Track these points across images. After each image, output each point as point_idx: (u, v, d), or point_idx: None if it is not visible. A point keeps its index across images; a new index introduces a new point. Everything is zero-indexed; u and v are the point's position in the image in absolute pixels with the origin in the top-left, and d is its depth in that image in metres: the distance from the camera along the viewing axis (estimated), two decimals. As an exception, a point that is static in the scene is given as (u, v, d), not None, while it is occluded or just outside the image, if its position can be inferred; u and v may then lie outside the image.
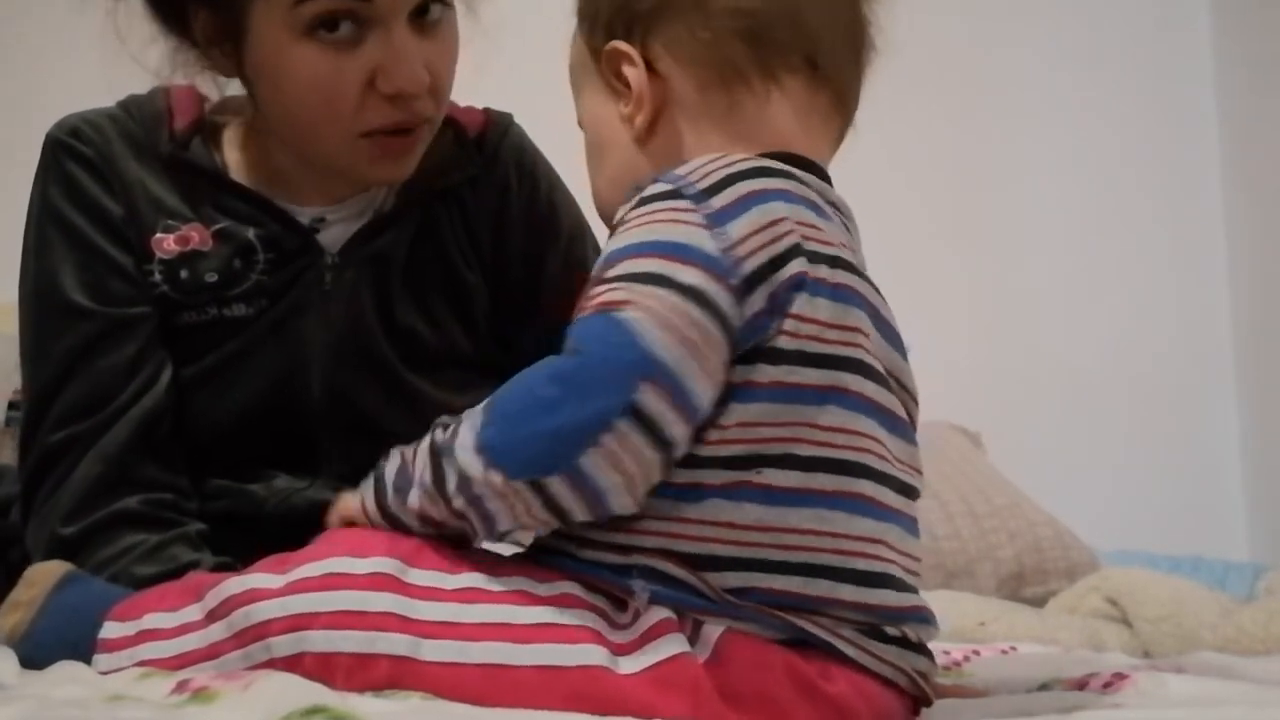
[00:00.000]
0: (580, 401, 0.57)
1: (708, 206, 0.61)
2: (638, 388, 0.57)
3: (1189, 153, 2.37)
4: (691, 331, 0.58)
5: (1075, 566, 1.61)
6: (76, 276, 0.90)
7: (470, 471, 0.60)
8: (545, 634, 0.58)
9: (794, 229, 0.61)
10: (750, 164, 0.64)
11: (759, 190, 0.62)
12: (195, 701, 0.53)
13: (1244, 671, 0.78)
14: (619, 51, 0.71)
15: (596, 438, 0.57)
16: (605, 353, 0.58)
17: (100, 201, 0.91)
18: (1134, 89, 2.36)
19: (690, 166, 0.64)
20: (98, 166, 0.92)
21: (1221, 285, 2.35)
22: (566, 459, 0.57)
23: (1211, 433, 2.31)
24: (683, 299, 0.58)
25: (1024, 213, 2.31)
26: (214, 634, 0.64)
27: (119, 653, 0.67)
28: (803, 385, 0.61)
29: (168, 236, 0.90)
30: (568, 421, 0.57)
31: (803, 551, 0.60)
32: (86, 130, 0.94)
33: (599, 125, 0.74)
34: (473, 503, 0.60)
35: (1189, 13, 2.40)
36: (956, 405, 2.01)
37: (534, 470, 0.58)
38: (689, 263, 0.59)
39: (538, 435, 0.58)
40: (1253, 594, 1.54)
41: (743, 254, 0.60)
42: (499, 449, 0.59)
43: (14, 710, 0.51)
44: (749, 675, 0.58)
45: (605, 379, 0.57)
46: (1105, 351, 2.26)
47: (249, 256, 0.90)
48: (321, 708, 0.50)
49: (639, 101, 0.71)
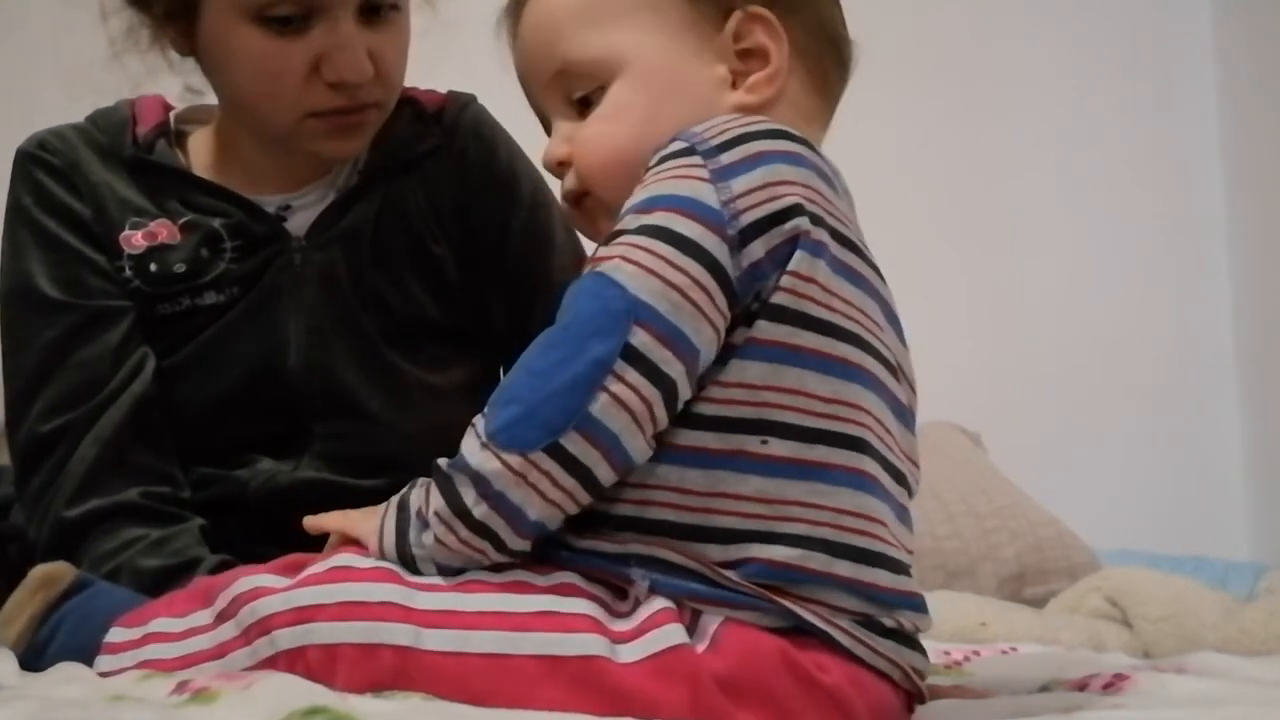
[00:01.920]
0: (576, 354, 0.59)
1: (716, 162, 0.62)
2: (630, 330, 0.59)
3: (1190, 152, 2.37)
4: (679, 277, 0.60)
5: (1076, 566, 1.61)
6: (50, 274, 0.93)
7: (485, 468, 0.60)
8: (545, 623, 0.59)
9: (797, 190, 0.62)
10: (766, 126, 0.65)
11: (769, 150, 0.64)
12: (195, 702, 0.53)
13: (1245, 671, 0.78)
14: (765, 20, 0.71)
15: (599, 383, 0.58)
16: (595, 305, 0.60)
17: (69, 204, 0.94)
18: (1135, 89, 2.36)
19: (708, 124, 0.65)
20: (64, 173, 0.95)
21: (1223, 285, 2.35)
22: (575, 411, 0.58)
23: (1212, 432, 2.31)
24: (674, 248, 0.60)
25: (1025, 212, 2.31)
26: (223, 634, 0.64)
27: (121, 654, 0.67)
28: (804, 349, 0.61)
29: (135, 233, 0.93)
30: (569, 376, 0.59)
31: (801, 524, 0.60)
32: (53, 141, 0.97)
33: (676, 73, 0.71)
34: (495, 503, 0.60)
35: (1190, 10, 2.40)
36: (957, 405, 2.01)
37: (548, 433, 0.59)
38: (688, 214, 0.61)
39: (544, 400, 0.59)
40: (1253, 593, 1.53)
41: (742, 207, 0.61)
42: (509, 429, 0.60)
43: (14, 710, 0.51)
44: (747, 666, 0.58)
45: (597, 328, 0.59)
46: (1106, 351, 2.26)
47: (216, 245, 0.92)
48: (321, 708, 0.50)
49: (774, 76, 0.70)
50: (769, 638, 0.59)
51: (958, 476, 1.74)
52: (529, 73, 0.76)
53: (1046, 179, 2.31)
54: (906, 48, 2.17)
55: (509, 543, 0.61)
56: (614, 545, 0.61)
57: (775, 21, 0.71)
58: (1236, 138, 2.35)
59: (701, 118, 0.67)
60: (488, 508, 0.60)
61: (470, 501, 0.60)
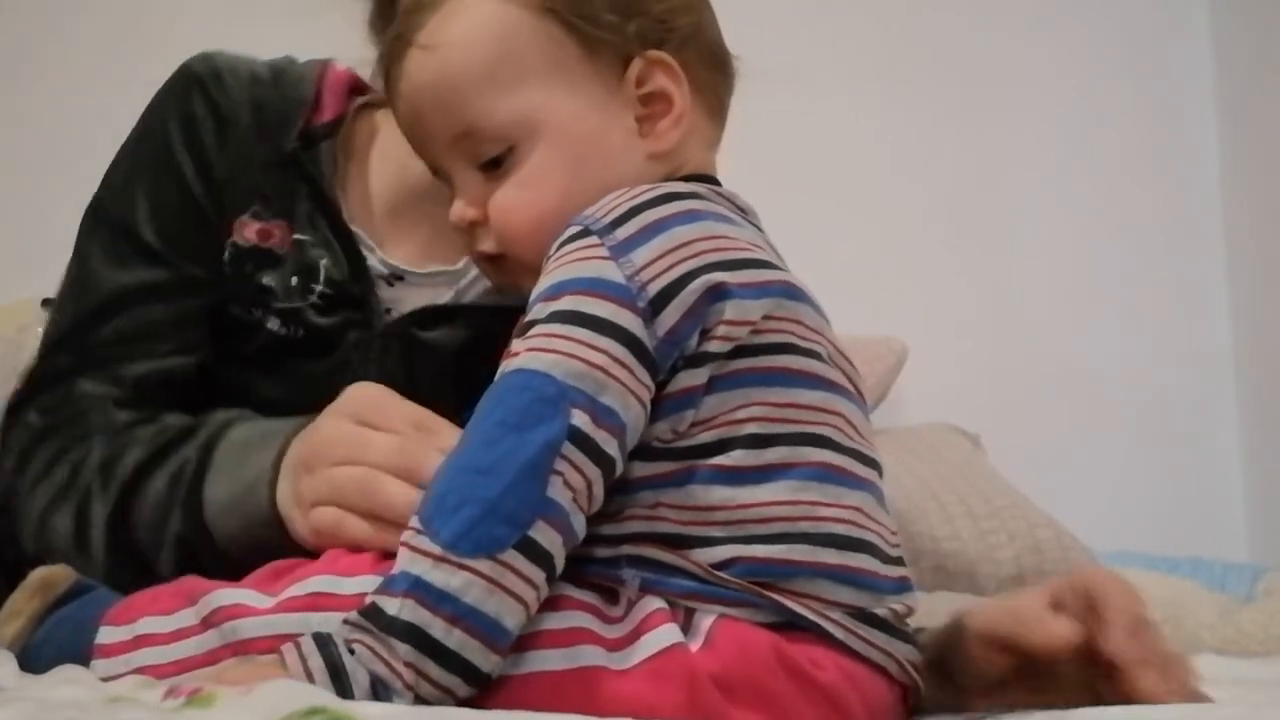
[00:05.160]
0: (522, 444, 0.57)
1: (613, 238, 0.63)
2: (570, 413, 0.58)
3: (1189, 153, 2.37)
4: (598, 357, 0.59)
5: (1075, 568, 1.60)
6: (157, 216, 0.88)
7: (452, 585, 0.55)
8: (538, 641, 0.58)
9: (703, 248, 0.63)
10: (654, 193, 0.66)
11: (662, 218, 0.64)
12: (194, 705, 0.53)
13: (1244, 673, 0.78)
14: (663, 64, 0.72)
15: (550, 466, 0.57)
16: (527, 396, 0.59)
17: (211, 157, 0.88)
18: (1134, 91, 2.36)
19: (597, 205, 0.65)
20: (224, 120, 0.89)
21: (1221, 286, 2.35)
22: (536, 498, 0.57)
23: (1211, 434, 2.31)
24: (589, 330, 0.60)
25: (1023, 214, 2.31)
26: (209, 641, 0.64)
27: (116, 658, 0.66)
28: (741, 371, 0.62)
29: (254, 223, 0.87)
30: (522, 464, 0.57)
31: (780, 522, 0.61)
32: (229, 80, 0.90)
33: (590, 130, 0.72)
34: (471, 623, 0.55)
35: (1189, 12, 2.40)
36: (956, 406, 2.01)
37: (516, 527, 0.56)
38: (596, 294, 0.61)
39: (502, 494, 0.57)
40: (1251, 595, 1.53)
41: (648, 278, 0.61)
42: (471, 533, 0.56)
43: (13, 712, 0.51)
44: (742, 664, 0.58)
45: (538, 415, 0.58)
46: (1105, 353, 2.26)
47: (307, 282, 0.86)
48: (321, 709, 0.50)
49: (679, 118, 0.72)
50: (763, 634, 0.59)
51: (956, 478, 1.74)
52: (424, 131, 0.75)
53: (1046, 180, 2.31)
54: (905, 49, 2.17)
55: (483, 667, 0.56)
56: (604, 549, 0.61)
57: (673, 63, 0.71)
58: (1235, 138, 2.35)
59: (620, 171, 0.69)
60: (462, 631, 0.55)
61: (439, 632, 0.55)
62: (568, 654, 0.58)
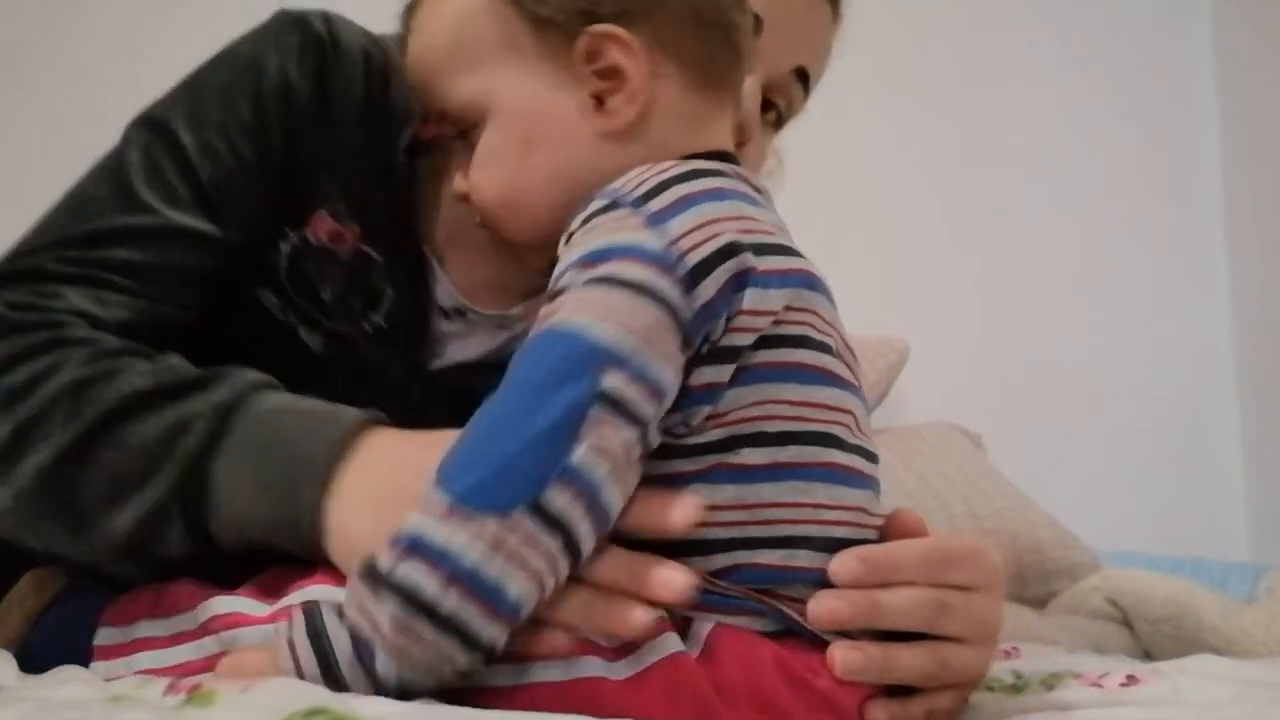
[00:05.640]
0: (544, 405, 0.54)
1: (646, 209, 0.60)
2: (599, 373, 0.55)
3: (1191, 154, 2.37)
4: (636, 320, 0.56)
5: (1076, 567, 1.61)
6: (210, 165, 0.78)
7: (453, 543, 0.52)
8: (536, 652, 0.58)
9: (728, 227, 0.61)
10: (681, 169, 0.64)
11: (691, 193, 0.62)
12: (194, 704, 0.53)
13: (1246, 674, 0.78)
14: (614, 37, 0.68)
15: (577, 430, 0.54)
16: (554, 355, 0.56)
17: (304, 131, 0.80)
18: (1136, 92, 2.36)
19: (623, 179, 0.63)
20: (327, 98, 0.80)
21: (1222, 286, 2.35)
22: (554, 462, 0.53)
23: (1212, 433, 2.31)
24: (627, 293, 0.57)
25: (1025, 214, 2.31)
26: (208, 647, 0.63)
27: (114, 661, 0.66)
28: (761, 365, 0.61)
29: (329, 221, 0.80)
30: (543, 425, 0.54)
31: (784, 525, 0.60)
32: (345, 58, 0.82)
33: (539, 111, 0.69)
34: (468, 585, 0.52)
35: (1191, 9, 2.40)
36: (958, 406, 2.01)
37: (527, 488, 0.53)
38: (635, 259, 0.58)
39: (517, 453, 0.54)
40: (1253, 595, 1.54)
41: (686, 247, 0.59)
42: (480, 491, 0.53)
43: (13, 712, 0.51)
44: (742, 673, 0.57)
45: (562, 375, 0.55)
46: (1106, 352, 2.26)
47: (367, 309, 0.80)
48: (322, 709, 0.50)
49: (634, 94, 0.68)
50: (762, 642, 0.58)
51: (958, 478, 1.74)
52: (420, 104, 0.78)
53: (1048, 180, 2.31)
54: (906, 48, 2.17)
55: (482, 634, 0.53)
56: None
57: (626, 35, 0.68)
58: (1236, 137, 2.35)
59: (570, 150, 0.68)
60: (459, 594, 0.52)
61: (434, 591, 0.52)
62: (568, 665, 0.57)
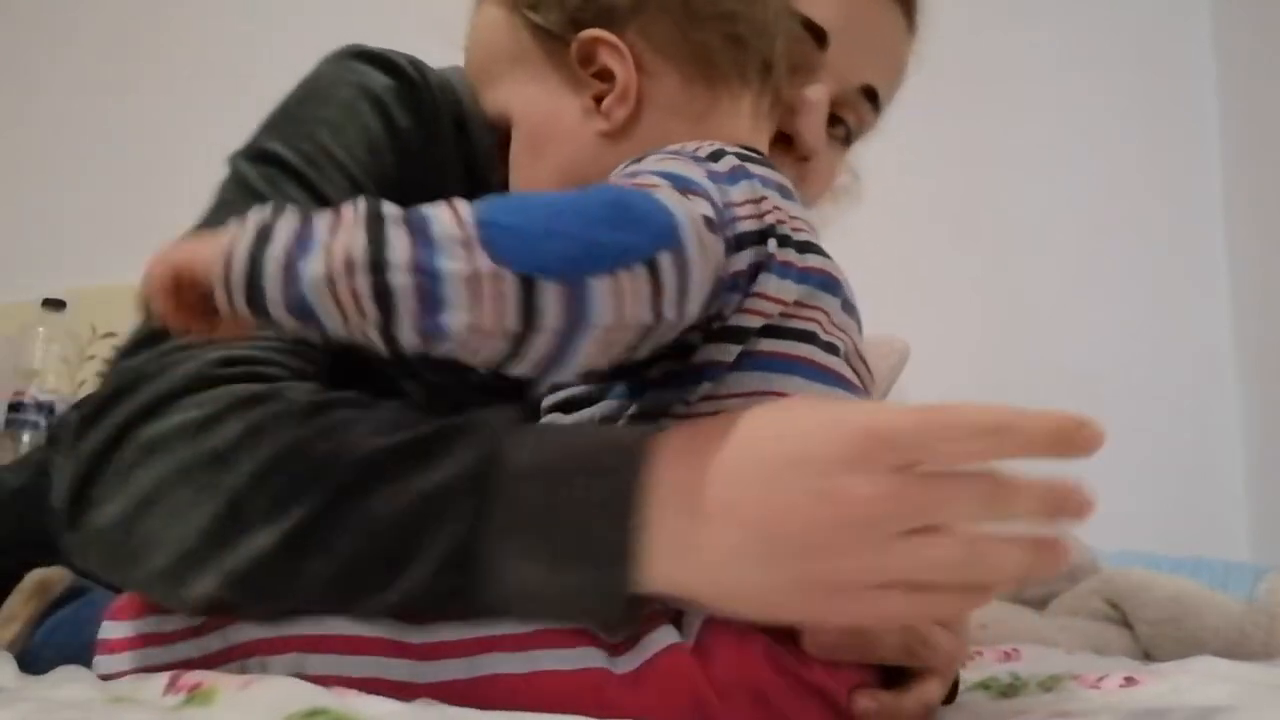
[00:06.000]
0: (608, 223, 0.52)
1: (710, 167, 0.61)
2: (663, 247, 0.52)
3: (1191, 154, 2.37)
4: (703, 241, 0.55)
5: (1076, 568, 1.61)
6: (337, 198, 0.73)
7: (444, 239, 0.50)
8: (541, 640, 0.58)
9: (772, 210, 0.62)
10: (732, 148, 0.65)
11: (745, 168, 0.63)
12: (194, 703, 0.53)
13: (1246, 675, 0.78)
14: (601, 41, 0.70)
15: (613, 266, 0.50)
16: (647, 206, 0.53)
17: (411, 167, 0.78)
18: (1136, 92, 2.36)
19: (681, 144, 0.65)
20: (429, 136, 0.80)
21: (1222, 286, 2.35)
22: (578, 269, 0.50)
23: (1213, 433, 2.31)
24: (696, 215, 0.55)
25: (1026, 214, 2.31)
26: (211, 643, 0.63)
27: (119, 655, 0.66)
28: (765, 353, 0.61)
29: None
30: (591, 238, 0.51)
31: None
32: (438, 91, 0.80)
33: (547, 115, 0.72)
34: (422, 281, 0.49)
35: (1191, 10, 2.40)
36: (957, 406, 2.01)
37: (535, 263, 0.50)
38: (702, 195, 0.58)
39: (552, 234, 0.50)
40: (1253, 595, 1.53)
41: (739, 215, 0.60)
42: (502, 233, 0.50)
43: (13, 713, 0.51)
44: (735, 665, 0.58)
45: (639, 222, 0.52)
46: (1106, 352, 2.26)
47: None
48: (322, 709, 0.50)
49: (624, 94, 0.70)
50: (752, 634, 0.58)
51: (958, 478, 1.73)
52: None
53: (1048, 180, 2.31)
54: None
55: (401, 329, 0.50)
56: None
57: (612, 38, 0.70)
58: (1236, 137, 2.35)
59: (574, 152, 0.69)
60: (409, 277, 0.49)
61: (397, 260, 0.49)
62: (572, 655, 0.57)
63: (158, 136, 2.23)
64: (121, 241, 2.23)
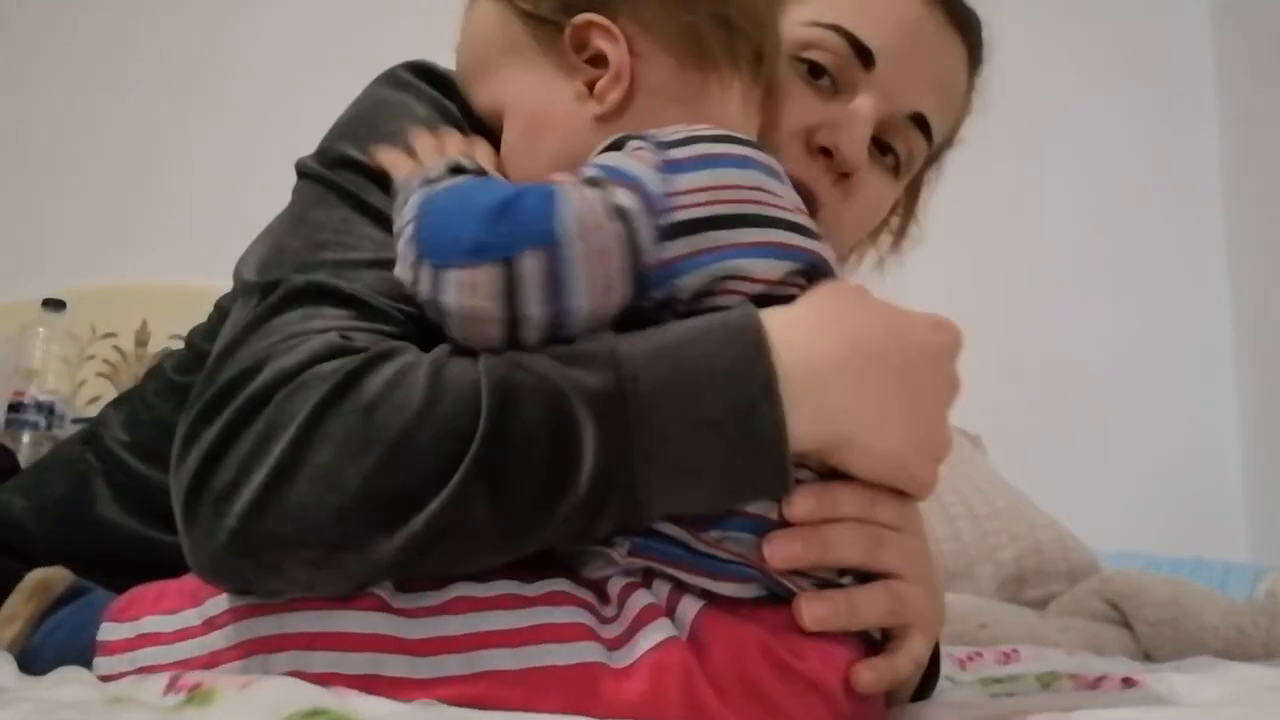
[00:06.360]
0: (484, 228, 0.57)
1: (666, 155, 0.63)
2: (531, 246, 0.57)
3: (1190, 153, 2.38)
4: (598, 237, 0.58)
5: (1076, 568, 1.61)
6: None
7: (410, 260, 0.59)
8: (539, 634, 0.58)
9: (747, 196, 0.63)
10: (715, 130, 0.66)
11: (717, 154, 0.64)
12: (193, 704, 0.53)
13: (1245, 675, 0.78)
14: (595, 25, 0.71)
15: (463, 262, 0.57)
16: (529, 207, 0.58)
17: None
18: (1135, 90, 2.36)
19: (659, 129, 0.66)
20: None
21: (1222, 285, 2.35)
22: (444, 260, 0.58)
23: (1212, 434, 2.31)
24: (609, 209, 0.59)
25: (1025, 214, 2.31)
26: (213, 643, 0.63)
27: (119, 656, 0.66)
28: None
29: None
30: (458, 237, 0.58)
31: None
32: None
33: (541, 102, 0.73)
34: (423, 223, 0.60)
35: (1190, 11, 2.40)
36: (957, 408, 2.01)
37: (431, 254, 0.58)
38: (629, 187, 0.60)
39: (454, 229, 0.58)
40: (1253, 595, 1.53)
41: (683, 202, 0.61)
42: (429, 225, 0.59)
43: (13, 713, 0.51)
44: (731, 661, 0.58)
45: (512, 223, 0.58)
46: (1105, 353, 2.26)
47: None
48: (322, 710, 0.50)
49: (617, 75, 0.71)
50: (746, 628, 0.59)
51: (957, 479, 1.74)
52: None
53: (1047, 180, 2.31)
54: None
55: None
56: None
57: (605, 21, 0.71)
58: (1236, 139, 2.35)
59: (569, 137, 0.70)
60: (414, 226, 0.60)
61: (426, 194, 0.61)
62: (570, 649, 0.58)
63: (158, 136, 2.23)
64: (121, 241, 2.23)
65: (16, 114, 2.25)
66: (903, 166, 0.88)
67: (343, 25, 2.13)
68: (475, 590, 0.60)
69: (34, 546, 0.79)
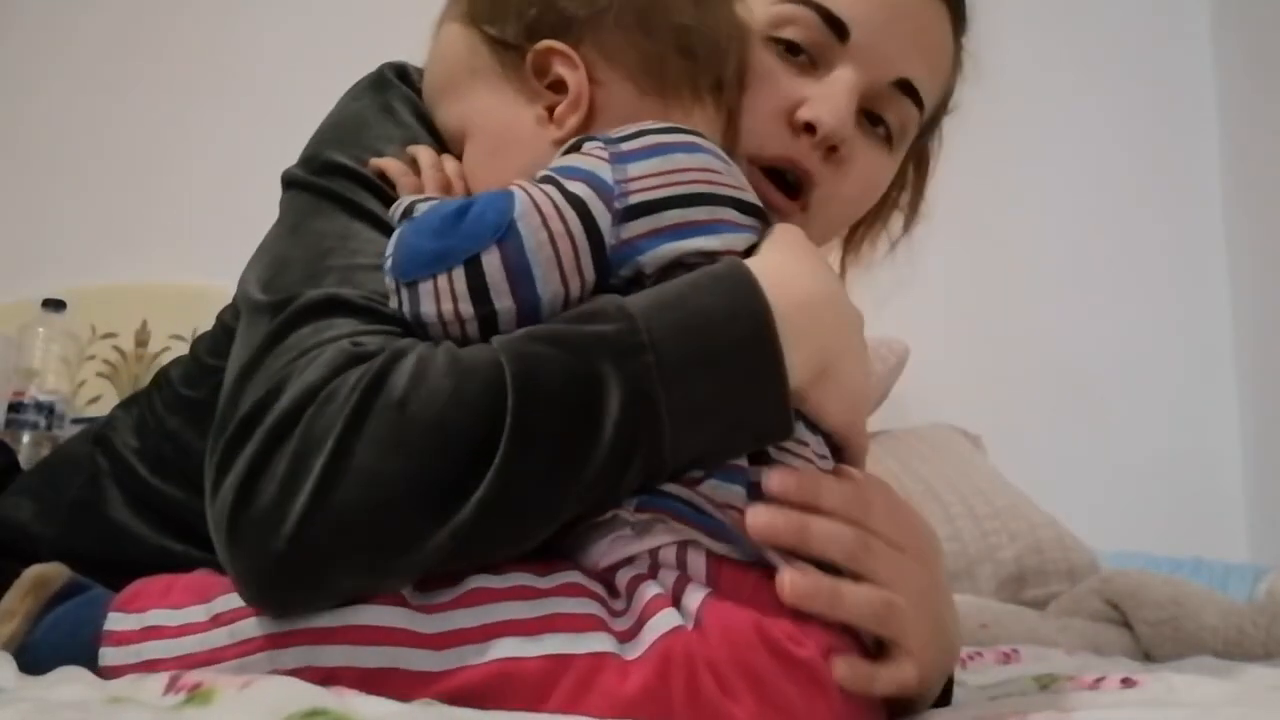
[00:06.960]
0: (439, 238, 0.62)
1: (616, 148, 0.66)
2: (486, 245, 0.62)
3: (1189, 153, 2.38)
4: (556, 223, 0.63)
5: (1076, 568, 1.61)
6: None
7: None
8: (553, 624, 0.59)
9: (696, 177, 0.66)
10: (663, 124, 0.70)
11: (665, 143, 0.67)
12: (193, 703, 0.53)
13: (1245, 675, 0.78)
14: (556, 52, 0.74)
15: (433, 270, 0.62)
16: (481, 211, 0.63)
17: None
18: (1135, 90, 2.36)
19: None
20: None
21: (1222, 285, 2.35)
22: (405, 275, 0.63)
23: (1212, 433, 2.31)
24: (562, 198, 0.63)
25: (1025, 215, 2.31)
26: (217, 639, 0.63)
27: (125, 647, 0.66)
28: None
29: None
30: (421, 249, 0.63)
31: None
32: None
33: (504, 125, 0.75)
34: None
35: (1189, 12, 2.40)
36: (957, 407, 2.02)
37: (400, 273, 0.63)
38: (583, 181, 0.64)
39: (414, 247, 0.63)
40: (1253, 596, 1.53)
41: (635, 188, 0.65)
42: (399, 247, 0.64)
43: (12, 713, 0.51)
44: (728, 645, 0.59)
45: (466, 228, 0.62)
46: (1105, 353, 2.26)
47: None
48: (322, 710, 0.50)
49: (576, 102, 0.73)
50: (746, 614, 0.60)
51: (957, 478, 1.74)
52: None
53: (1047, 181, 2.31)
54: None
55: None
56: None
57: (565, 49, 0.73)
58: (1235, 139, 2.35)
59: (530, 160, 0.71)
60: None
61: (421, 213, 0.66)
62: (580, 639, 0.59)
63: (158, 136, 2.22)
64: (121, 241, 2.23)
65: (16, 114, 2.25)
66: (895, 136, 0.88)
67: (343, 25, 2.13)
68: (491, 582, 0.61)
69: (41, 550, 0.78)
